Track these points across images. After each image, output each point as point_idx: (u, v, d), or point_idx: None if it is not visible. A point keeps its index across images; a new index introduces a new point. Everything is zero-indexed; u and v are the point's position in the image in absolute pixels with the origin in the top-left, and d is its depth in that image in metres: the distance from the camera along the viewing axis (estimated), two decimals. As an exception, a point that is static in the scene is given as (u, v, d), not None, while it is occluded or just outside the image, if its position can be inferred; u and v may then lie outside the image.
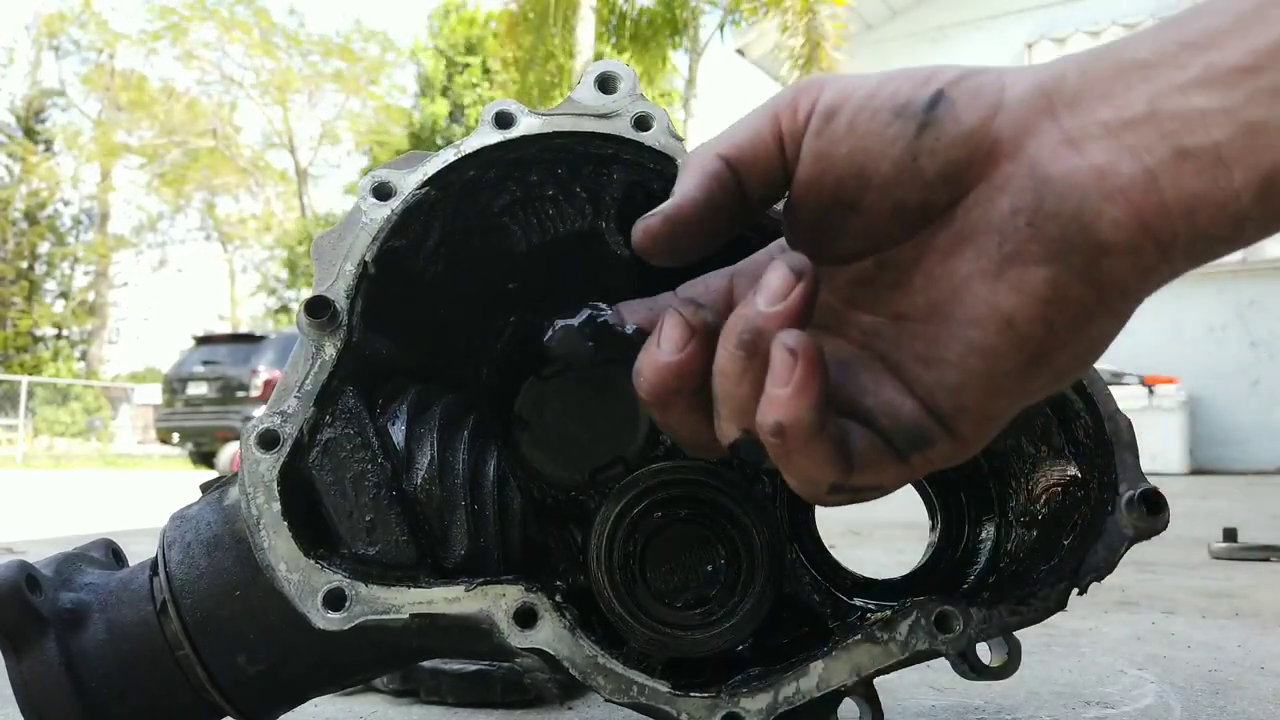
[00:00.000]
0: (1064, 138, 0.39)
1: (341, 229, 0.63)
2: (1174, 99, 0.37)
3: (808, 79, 0.46)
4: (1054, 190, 0.38)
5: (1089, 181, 0.38)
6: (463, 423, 0.63)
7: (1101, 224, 0.38)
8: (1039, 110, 0.39)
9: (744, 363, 0.41)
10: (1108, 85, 0.38)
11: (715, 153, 0.46)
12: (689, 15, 14.43)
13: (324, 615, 0.55)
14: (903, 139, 0.41)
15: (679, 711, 0.55)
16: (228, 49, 28.11)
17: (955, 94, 0.41)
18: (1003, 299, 0.39)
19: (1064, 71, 0.40)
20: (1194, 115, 0.36)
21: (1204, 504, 4.59)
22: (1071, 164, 0.38)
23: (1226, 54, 0.36)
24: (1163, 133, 0.37)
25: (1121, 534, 0.59)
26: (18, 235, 27.10)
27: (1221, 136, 0.36)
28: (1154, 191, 0.37)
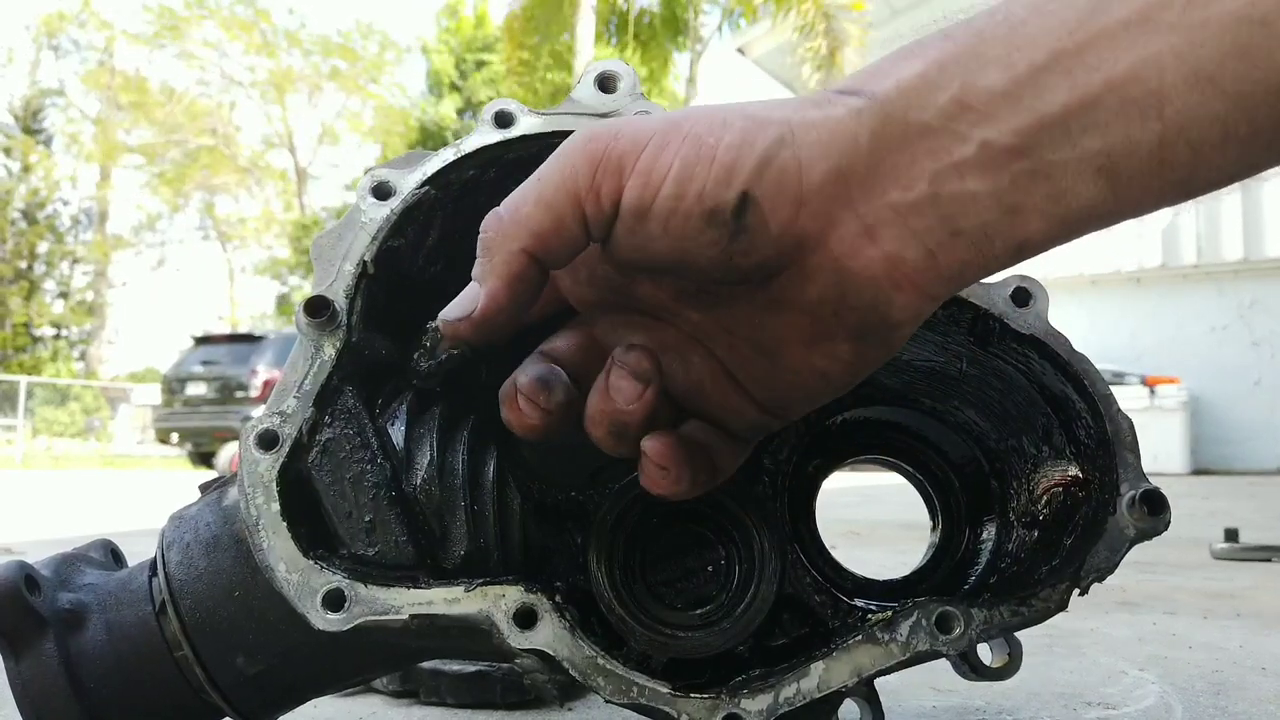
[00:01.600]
0: (860, 227, 0.44)
1: (341, 228, 0.62)
2: (951, 180, 0.42)
3: (598, 140, 0.45)
4: (854, 285, 0.44)
5: (882, 273, 0.44)
6: (462, 423, 0.63)
7: (893, 310, 0.45)
8: (837, 200, 0.43)
9: (614, 443, 0.50)
10: (895, 158, 0.43)
11: (518, 248, 0.47)
12: (690, 15, 14.42)
13: (323, 616, 0.55)
14: (718, 245, 0.44)
15: (679, 712, 0.55)
16: (227, 49, 28.11)
17: (759, 193, 0.43)
18: (818, 361, 0.48)
19: (856, 138, 0.43)
20: (967, 199, 0.42)
21: (1205, 504, 4.59)
22: (867, 256, 0.44)
23: (999, 130, 0.41)
24: (941, 215, 0.42)
25: (1123, 534, 0.59)
26: (17, 235, 27.10)
27: (989, 217, 0.42)
28: (933, 268, 0.44)
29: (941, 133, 0.42)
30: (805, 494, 0.73)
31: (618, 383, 0.48)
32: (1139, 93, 0.39)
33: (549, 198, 0.46)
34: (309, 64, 28.74)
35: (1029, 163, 0.41)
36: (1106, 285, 11.64)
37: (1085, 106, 0.40)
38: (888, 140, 0.43)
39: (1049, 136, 0.40)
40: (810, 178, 0.43)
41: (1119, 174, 0.40)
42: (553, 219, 0.46)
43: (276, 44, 28.10)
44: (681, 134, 0.44)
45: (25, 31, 35.77)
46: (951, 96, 0.42)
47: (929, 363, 0.69)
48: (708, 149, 0.44)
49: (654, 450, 0.49)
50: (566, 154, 0.46)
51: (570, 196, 0.45)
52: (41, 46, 28.68)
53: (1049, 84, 0.40)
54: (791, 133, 0.44)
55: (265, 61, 28.31)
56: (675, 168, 0.44)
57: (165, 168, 28.38)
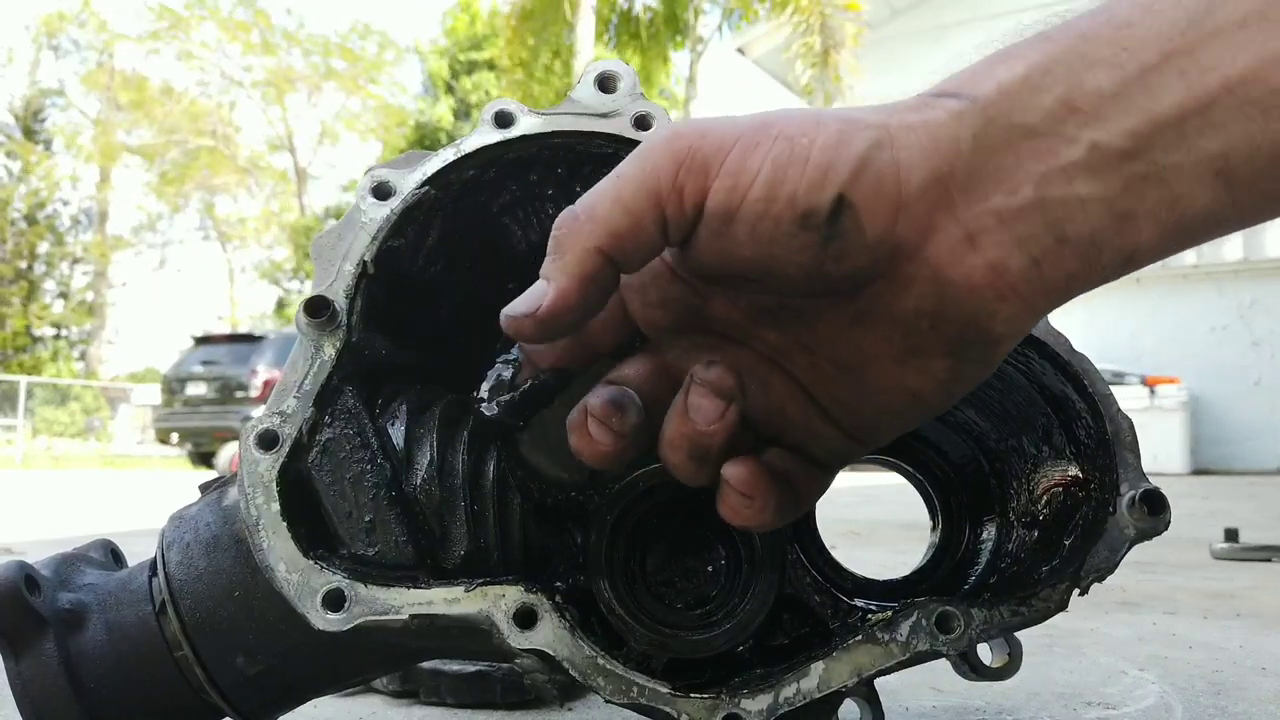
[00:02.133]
0: (963, 234, 0.41)
1: (340, 228, 0.62)
2: (1058, 184, 0.40)
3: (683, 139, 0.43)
4: (954, 295, 0.42)
5: (985, 283, 0.41)
6: (462, 423, 0.63)
7: (996, 323, 0.42)
8: (939, 205, 0.41)
9: (695, 468, 0.47)
10: (999, 161, 0.41)
11: (593, 246, 0.44)
12: (690, 15, 14.43)
13: (323, 616, 0.55)
14: (809, 250, 0.42)
15: (679, 712, 0.55)
16: (227, 49, 28.11)
17: (855, 196, 0.41)
18: (909, 379, 0.45)
19: (958, 141, 0.41)
20: (1075, 204, 0.40)
21: (1205, 504, 4.59)
22: (969, 265, 0.41)
23: (1110, 132, 0.39)
24: (1048, 222, 0.40)
25: (1123, 534, 0.59)
26: (17, 235, 27.10)
27: (1098, 224, 0.40)
28: (1038, 280, 0.41)
29: (1048, 135, 0.40)
30: (805, 494, 0.73)
31: (697, 401, 0.45)
32: (1259, 92, 0.37)
33: (628, 197, 0.43)
34: (308, 64, 28.76)
35: (1142, 166, 0.39)
36: (1106, 285, 11.62)
37: (1201, 107, 0.38)
38: (991, 143, 0.41)
39: (1163, 138, 0.38)
40: (910, 181, 0.41)
41: (1238, 177, 0.38)
42: (631, 219, 0.43)
43: (276, 44, 28.12)
44: (773, 134, 0.42)
45: (25, 31, 35.76)
46: (1057, 98, 0.40)
47: (929, 363, 0.69)
48: (801, 149, 0.41)
49: (737, 477, 0.46)
50: (648, 152, 0.44)
51: (651, 196, 0.43)
52: (41, 46, 28.70)
53: (1161, 84, 0.38)
54: (890, 135, 0.42)
55: (265, 61, 28.33)
56: (766, 169, 0.41)
57: (166, 168, 28.38)
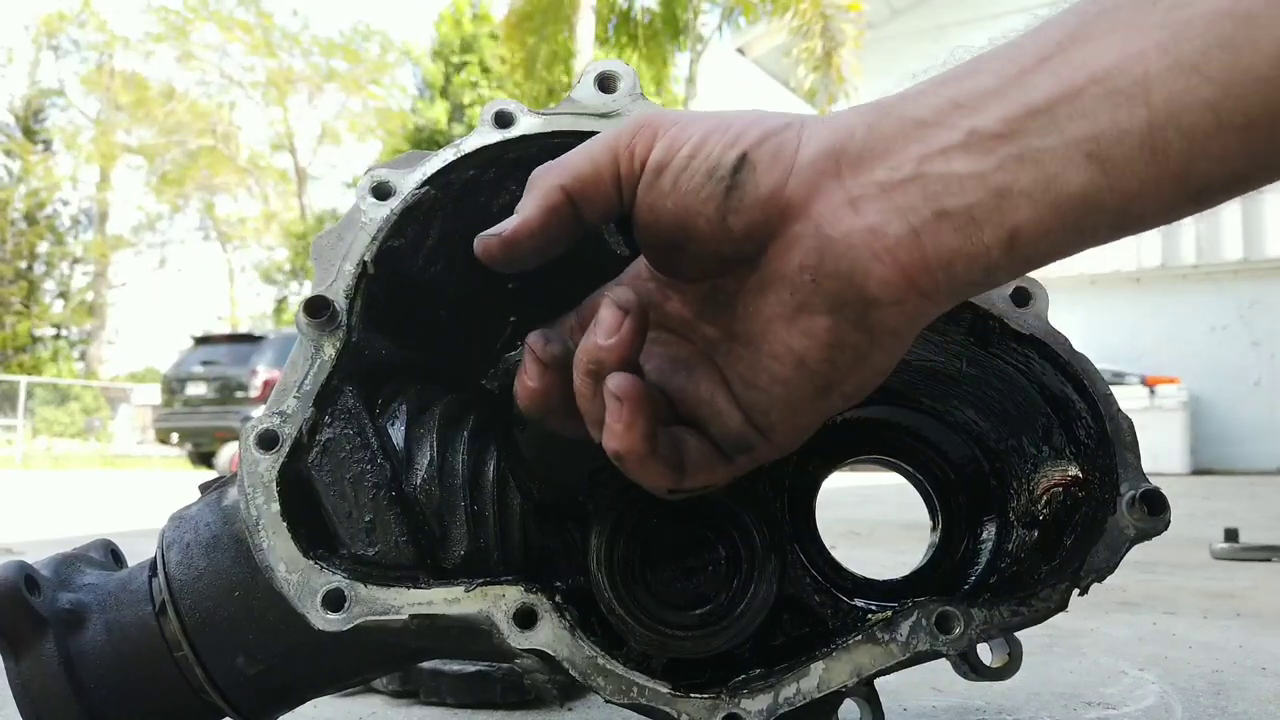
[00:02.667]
0: (846, 198, 0.45)
1: (340, 229, 0.62)
2: (938, 162, 0.43)
3: (648, 117, 0.51)
4: (833, 251, 0.45)
5: (861, 242, 0.44)
6: (462, 423, 0.63)
7: (870, 282, 0.45)
8: (826, 173, 0.45)
9: (591, 387, 0.50)
10: (888, 144, 0.45)
11: (558, 184, 0.51)
12: (690, 15, 14.42)
13: (323, 616, 0.55)
14: (714, 200, 0.47)
15: (679, 712, 0.55)
16: (228, 49, 28.11)
17: (756, 157, 0.47)
18: (795, 341, 0.47)
19: (854, 128, 0.46)
20: (953, 179, 0.43)
21: (1205, 504, 4.59)
22: (849, 225, 0.45)
23: (986, 119, 0.42)
24: (926, 195, 0.43)
25: (1123, 534, 0.59)
26: (17, 235, 27.10)
27: (974, 199, 0.42)
28: (917, 249, 0.44)
29: (933, 124, 0.44)
30: (805, 493, 0.73)
31: (601, 314, 0.49)
32: (1123, 82, 0.40)
33: (594, 151, 0.51)
34: (309, 64, 28.76)
35: (1015, 147, 0.42)
36: (1106, 285, 11.64)
37: (1070, 96, 0.41)
38: (883, 130, 0.45)
39: (1035, 124, 0.42)
40: (804, 153, 0.46)
41: (1110, 159, 0.40)
42: (592, 167, 0.50)
43: (277, 45, 28.11)
44: (713, 115, 0.50)
45: (25, 32, 35.75)
46: (946, 97, 0.44)
47: (928, 362, 0.69)
48: (725, 123, 0.48)
49: (616, 383, 0.47)
50: (618, 124, 0.53)
51: (610, 150, 0.50)
52: (41, 47, 28.70)
53: (1035, 81, 0.42)
54: (801, 122, 0.48)
55: (266, 62, 28.32)
56: (696, 136, 0.48)
57: (166, 168, 28.38)
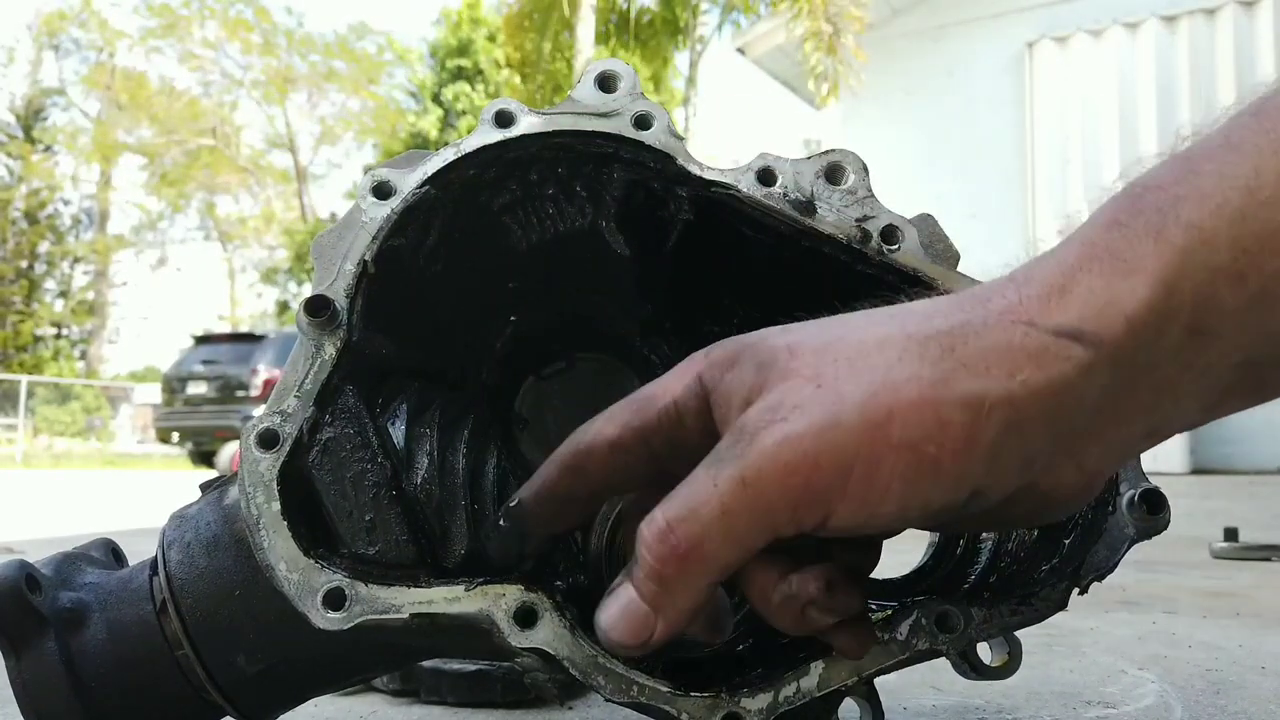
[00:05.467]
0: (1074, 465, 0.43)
1: (341, 228, 0.62)
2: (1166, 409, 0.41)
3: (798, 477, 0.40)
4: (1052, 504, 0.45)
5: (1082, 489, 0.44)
6: (463, 422, 0.63)
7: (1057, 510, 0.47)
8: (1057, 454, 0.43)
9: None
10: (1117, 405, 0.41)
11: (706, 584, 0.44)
12: (690, 15, 14.41)
13: (324, 615, 0.55)
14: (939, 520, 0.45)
15: (679, 711, 0.55)
16: (227, 48, 28.10)
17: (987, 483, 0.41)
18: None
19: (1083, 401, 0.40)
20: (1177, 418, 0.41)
21: (1205, 503, 4.58)
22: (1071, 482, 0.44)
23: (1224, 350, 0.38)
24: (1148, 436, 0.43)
25: (1123, 533, 0.59)
26: (17, 235, 27.10)
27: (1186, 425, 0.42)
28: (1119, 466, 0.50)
29: (1166, 366, 0.39)
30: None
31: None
32: None
33: (740, 534, 0.41)
34: (308, 64, 28.74)
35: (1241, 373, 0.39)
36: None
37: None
38: (1114, 391, 0.39)
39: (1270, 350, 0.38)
40: (1035, 447, 0.40)
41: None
42: (742, 554, 0.43)
43: (276, 44, 28.10)
44: (891, 443, 0.39)
45: (26, 31, 35.75)
46: (1182, 326, 0.38)
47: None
48: (929, 460, 0.39)
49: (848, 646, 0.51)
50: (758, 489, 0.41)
51: (766, 532, 0.42)
52: (42, 46, 28.70)
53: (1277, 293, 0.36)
54: (1017, 413, 0.39)
55: (266, 60, 28.30)
56: (897, 487, 0.40)
57: (167, 168, 28.38)
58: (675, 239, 0.67)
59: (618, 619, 0.45)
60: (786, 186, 0.64)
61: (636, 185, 0.66)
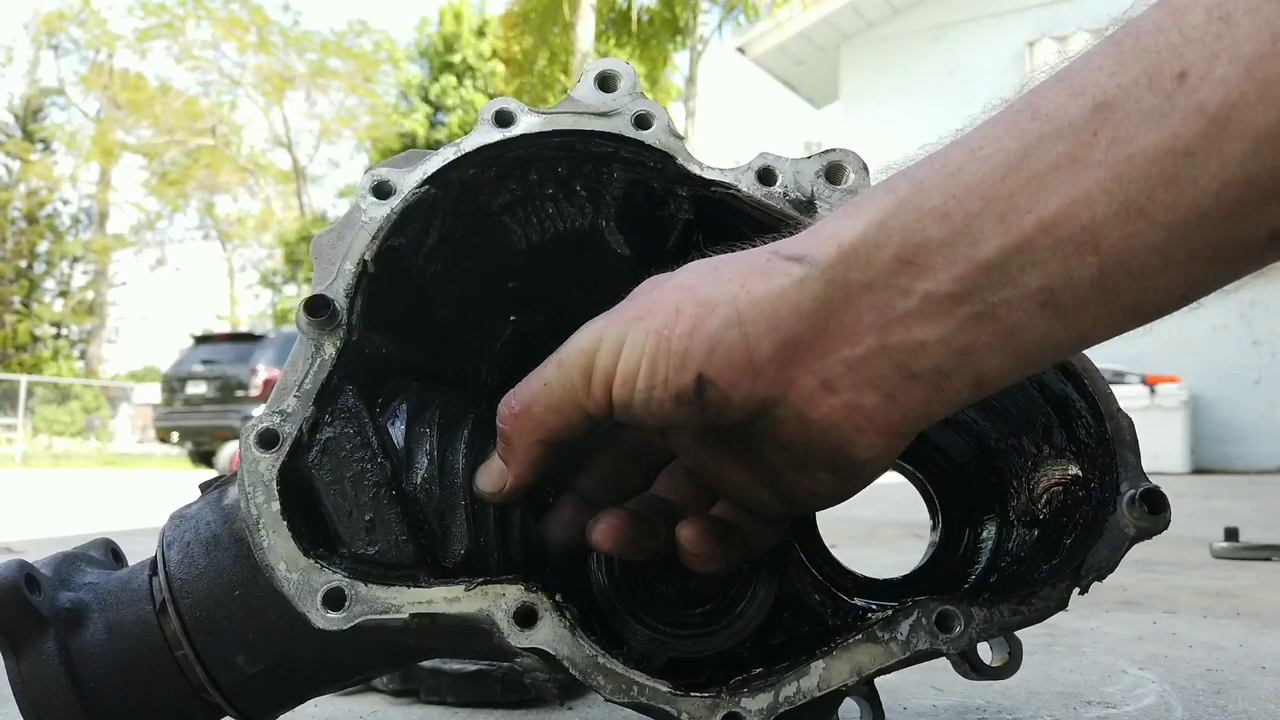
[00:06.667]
0: (817, 382, 0.47)
1: (341, 228, 0.62)
2: (899, 333, 0.45)
3: (583, 349, 0.52)
4: (817, 430, 0.48)
5: (843, 418, 0.47)
6: (462, 422, 0.63)
7: (857, 450, 0.49)
8: (790, 363, 0.47)
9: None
10: (841, 318, 0.46)
11: (535, 440, 0.55)
12: (689, 15, 14.41)
13: (323, 615, 0.55)
14: (691, 417, 0.50)
15: (679, 711, 0.55)
16: (224, 47, 28.10)
17: (712, 374, 0.48)
18: (806, 483, 0.53)
19: (800, 308, 0.46)
20: (916, 347, 0.44)
21: (1206, 503, 4.59)
22: (827, 405, 0.47)
23: (939, 280, 0.43)
24: (894, 363, 0.45)
25: (1123, 533, 0.59)
26: (17, 234, 27.10)
27: (940, 360, 0.44)
28: (894, 409, 0.47)
29: (883, 289, 0.44)
30: (805, 493, 0.73)
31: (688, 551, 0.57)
32: (1072, 230, 0.40)
33: (556, 403, 0.53)
34: (305, 63, 28.72)
35: (972, 306, 0.43)
36: (1106, 284, 11.60)
37: (1020, 248, 0.41)
38: (831, 304, 0.46)
39: (988, 280, 0.42)
40: (760, 351, 0.47)
41: (1064, 306, 0.42)
42: (562, 420, 0.54)
43: (273, 43, 28.09)
44: (645, 330, 0.49)
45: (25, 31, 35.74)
46: (891, 254, 0.44)
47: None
48: (664, 342, 0.49)
49: (687, 538, 0.56)
50: (566, 367, 0.53)
51: (574, 404, 0.53)
52: (41, 46, 28.69)
53: (983, 230, 0.42)
54: (737, 312, 0.47)
55: (261, 59, 28.29)
56: (644, 366, 0.49)
57: (167, 168, 28.37)
58: (675, 238, 0.67)
59: (482, 473, 0.59)
60: (787, 186, 0.64)
61: (636, 185, 0.66)
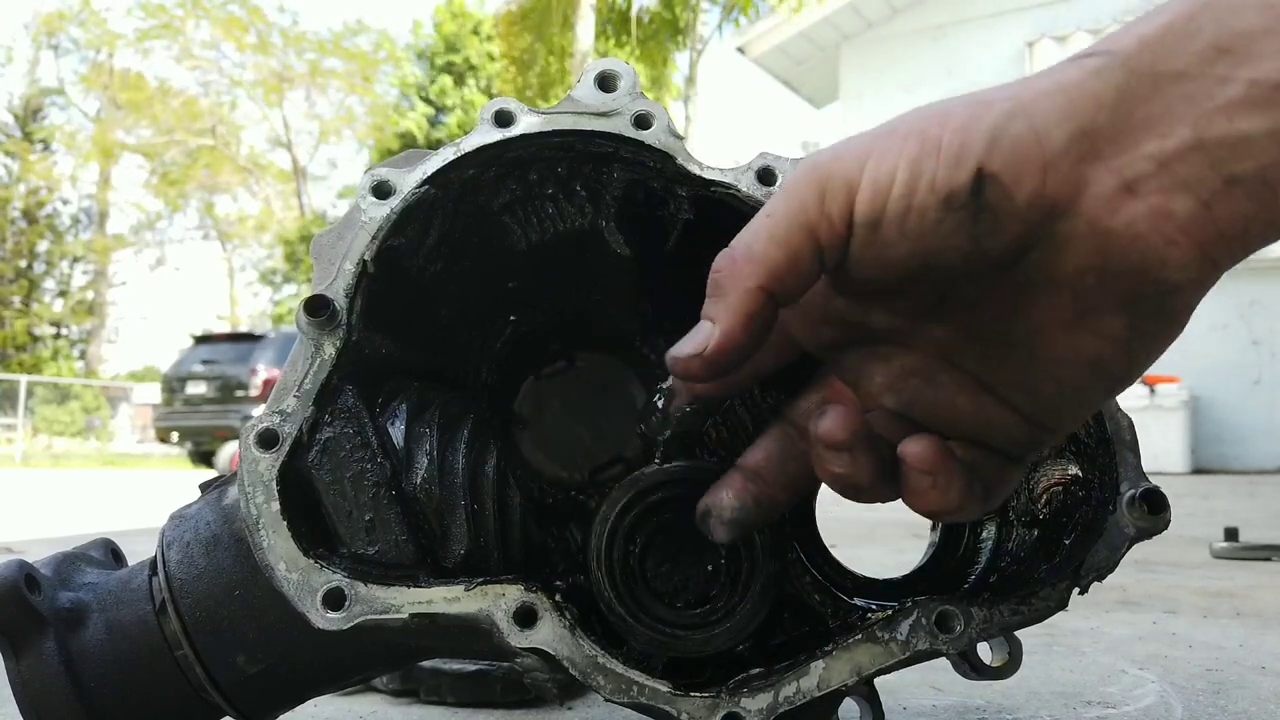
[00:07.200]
0: (1118, 182, 0.40)
1: (341, 228, 0.62)
2: (1219, 124, 0.38)
3: (815, 170, 0.44)
4: (1117, 246, 0.40)
5: (1149, 229, 0.39)
6: (462, 422, 0.63)
7: (1168, 271, 0.40)
8: (1085, 158, 0.40)
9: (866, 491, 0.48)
10: (1148, 109, 0.39)
11: (755, 285, 0.45)
12: (689, 15, 14.42)
13: (323, 615, 0.55)
14: (961, 231, 0.41)
15: (679, 711, 0.55)
16: (223, 47, 28.10)
17: (995, 167, 0.40)
18: (1086, 344, 0.43)
19: (1099, 98, 0.40)
20: (1240, 141, 0.38)
21: (1205, 503, 4.59)
22: (1130, 212, 0.40)
23: (1266, 67, 0.37)
24: (1212, 161, 0.38)
25: (1123, 533, 0.59)
26: (17, 234, 27.10)
27: (1267, 160, 0.38)
28: (1210, 222, 0.39)
29: (1200, 78, 0.38)
30: (805, 493, 0.73)
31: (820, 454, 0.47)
32: None
33: (782, 233, 0.44)
34: (305, 62, 28.72)
35: None
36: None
37: None
38: (1137, 93, 0.39)
39: None
40: (1051, 143, 0.40)
41: None
42: (788, 254, 0.45)
43: (272, 43, 28.08)
44: (901, 134, 0.43)
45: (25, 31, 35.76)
46: (1205, 42, 0.38)
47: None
48: (931, 139, 0.42)
49: (916, 455, 0.45)
50: (792, 187, 0.45)
51: (803, 228, 0.44)
52: (41, 46, 28.69)
53: None
54: (1022, 105, 0.41)
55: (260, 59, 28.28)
56: (902, 166, 0.42)
57: (167, 168, 28.37)
58: (675, 238, 0.67)
59: (684, 341, 0.47)
60: (786, 186, 0.64)
61: (636, 185, 0.66)
